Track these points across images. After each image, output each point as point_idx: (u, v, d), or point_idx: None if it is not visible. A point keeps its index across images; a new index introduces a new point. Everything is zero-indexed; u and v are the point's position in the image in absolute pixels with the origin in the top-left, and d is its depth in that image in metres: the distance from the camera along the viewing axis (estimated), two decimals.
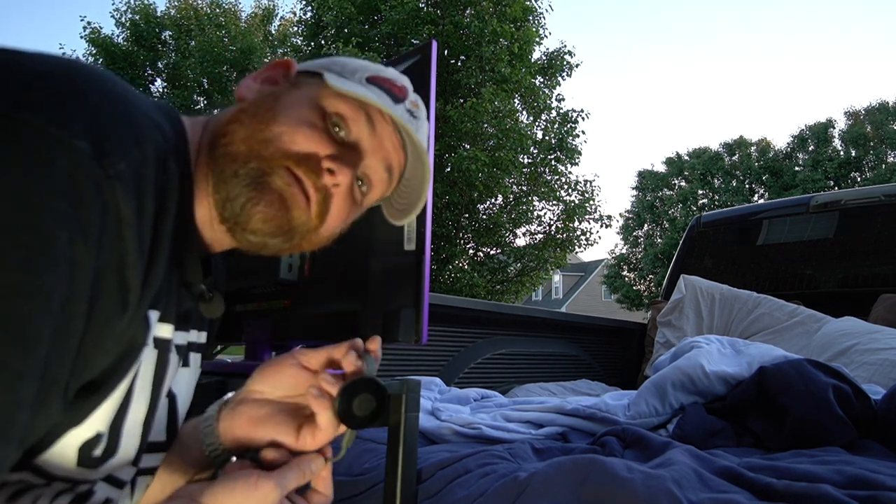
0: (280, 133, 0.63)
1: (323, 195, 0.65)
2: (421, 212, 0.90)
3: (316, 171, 0.64)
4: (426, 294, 0.88)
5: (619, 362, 2.97)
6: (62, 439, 0.52)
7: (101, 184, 0.47)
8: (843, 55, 62.58)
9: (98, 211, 0.47)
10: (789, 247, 3.05)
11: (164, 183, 0.55)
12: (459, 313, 2.20)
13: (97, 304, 0.48)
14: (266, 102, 0.66)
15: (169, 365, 0.63)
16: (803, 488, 0.88)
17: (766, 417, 1.37)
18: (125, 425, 0.58)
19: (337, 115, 0.67)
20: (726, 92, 66.68)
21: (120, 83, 0.55)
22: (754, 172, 23.81)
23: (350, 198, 0.69)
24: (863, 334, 2.19)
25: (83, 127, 0.47)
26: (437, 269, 10.48)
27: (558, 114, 11.57)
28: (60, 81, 0.49)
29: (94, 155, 0.47)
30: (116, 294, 0.50)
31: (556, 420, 1.47)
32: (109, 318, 0.50)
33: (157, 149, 0.54)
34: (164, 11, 15.61)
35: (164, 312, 0.60)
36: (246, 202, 0.61)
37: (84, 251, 0.46)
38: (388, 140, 0.71)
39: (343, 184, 0.66)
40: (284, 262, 1.01)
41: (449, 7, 10.47)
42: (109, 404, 0.55)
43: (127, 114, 0.52)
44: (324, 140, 0.65)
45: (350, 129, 0.68)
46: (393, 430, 1.03)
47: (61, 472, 0.54)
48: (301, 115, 0.65)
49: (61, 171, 0.45)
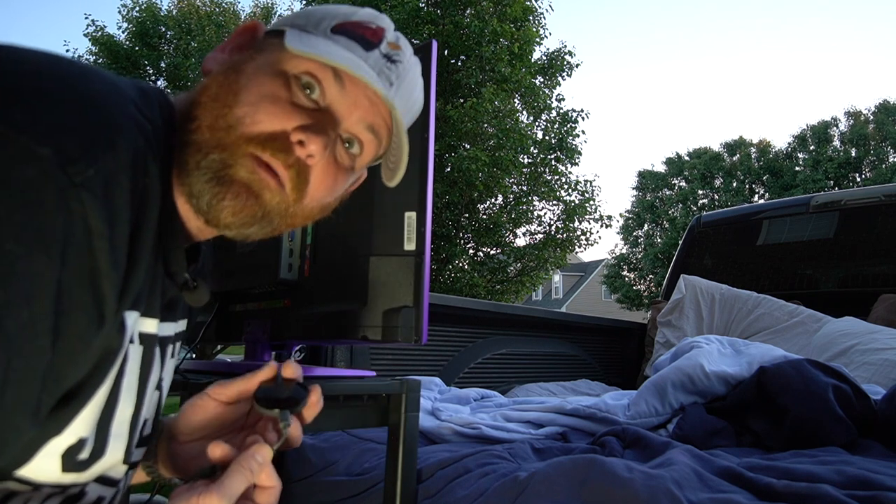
0: (242, 116, 0.59)
1: (296, 170, 0.60)
2: (421, 212, 0.90)
3: (285, 149, 0.59)
4: (426, 294, 0.88)
5: (619, 362, 2.97)
6: (42, 450, 0.51)
7: (65, 192, 0.44)
8: (845, 55, 62.64)
9: (60, 221, 0.44)
10: (789, 247, 3.05)
11: (143, 186, 0.51)
12: (459, 313, 2.20)
13: (65, 319, 0.45)
14: (228, 79, 0.61)
15: (155, 359, 0.62)
16: (803, 488, 0.88)
17: (766, 417, 1.37)
18: (112, 426, 0.56)
19: (304, 76, 0.62)
20: (727, 92, 66.75)
21: (99, 78, 0.52)
22: (754, 172, 23.81)
23: (334, 164, 0.65)
24: (863, 334, 2.19)
25: (48, 131, 0.44)
26: (437, 269, 10.47)
27: (558, 114, 11.56)
28: (29, 81, 0.46)
29: (59, 162, 0.44)
30: (90, 308, 0.47)
31: (556, 420, 1.47)
32: (82, 333, 0.47)
33: (135, 150, 0.50)
34: (167, 10, 15.63)
35: (148, 308, 0.58)
36: (211, 198, 0.58)
37: (42, 265, 0.43)
38: (363, 97, 0.64)
39: (317, 153, 0.60)
40: (284, 261, 1.01)
41: (449, 7, 10.46)
42: (91, 409, 0.53)
43: (100, 115, 0.49)
44: (288, 112, 0.60)
45: (322, 88, 0.62)
46: (393, 430, 1.03)
47: (47, 479, 0.53)
48: (262, 89, 0.60)
49: (20, 180, 0.42)
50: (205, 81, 0.63)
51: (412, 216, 0.90)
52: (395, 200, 0.92)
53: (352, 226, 0.97)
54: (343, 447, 1.34)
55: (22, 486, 0.52)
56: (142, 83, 0.59)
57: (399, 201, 0.91)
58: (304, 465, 1.33)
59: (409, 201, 0.90)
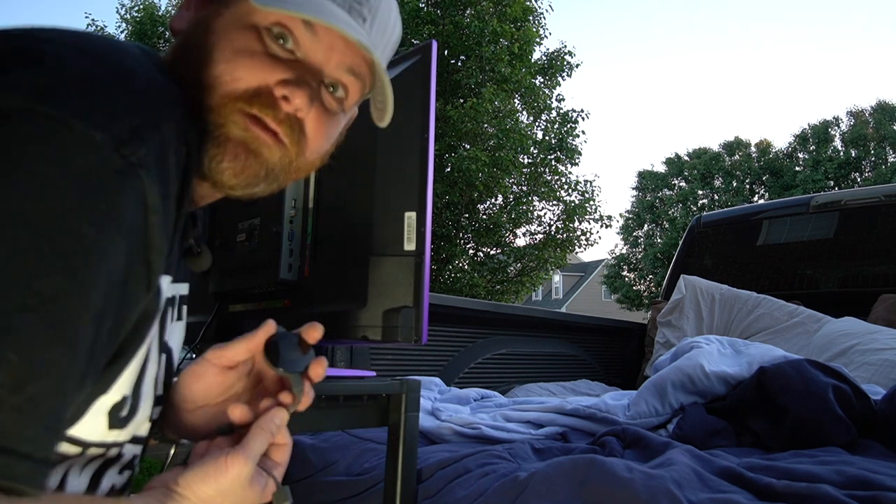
0: (220, 74, 0.58)
1: (288, 125, 0.60)
2: (421, 212, 0.90)
3: (271, 104, 0.59)
4: (426, 294, 0.88)
5: (619, 362, 2.97)
6: (93, 407, 0.53)
7: (123, 173, 0.46)
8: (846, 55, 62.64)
9: (125, 201, 0.46)
10: (789, 247, 3.05)
11: (185, 158, 0.53)
12: (459, 313, 2.20)
13: (126, 289, 0.49)
14: (199, 38, 0.60)
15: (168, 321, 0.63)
16: (803, 488, 0.88)
17: (766, 417, 1.38)
18: (144, 385, 0.58)
19: (276, 27, 0.60)
20: (727, 92, 66.77)
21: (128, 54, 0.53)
22: (754, 172, 23.82)
23: (325, 112, 0.64)
24: (863, 334, 2.20)
25: (100, 116, 0.46)
26: (437, 269, 10.47)
27: (558, 114, 11.56)
28: (79, 67, 0.48)
29: (115, 145, 0.46)
30: (143, 277, 0.50)
31: (556, 420, 1.47)
32: (137, 300, 0.50)
33: (177, 123, 0.52)
34: (165, 10, 15.63)
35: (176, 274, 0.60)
36: (210, 161, 0.58)
37: (114, 243, 0.46)
38: (338, 39, 0.62)
39: (303, 106, 0.60)
40: (284, 261, 1.01)
41: (449, 7, 10.46)
42: (132, 368, 0.55)
43: (143, 95, 0.51)
44: (267, 65, 0.59)
45: (295, 36, 0.61)
46: (393, 430, 1.03)
47: (95, 437, 0.55)
48: (235, 44, 0.59)
49: (83, 166, 0.45)
50: (175, 42, 0.63)
51: (412, 216, 0.90)
52: (395, 200, 0.92)
53: (352, 226, 0.97)
54: (343, 447, 1.35)
55: (72, 448, 0.54)
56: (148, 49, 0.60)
57: (399, 201, 0.91)
58: (304, 465, 1.34)
59: (409, 201, 0.90)
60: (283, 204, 0.99)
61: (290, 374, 0.64)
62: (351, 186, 0.99)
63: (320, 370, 0.66)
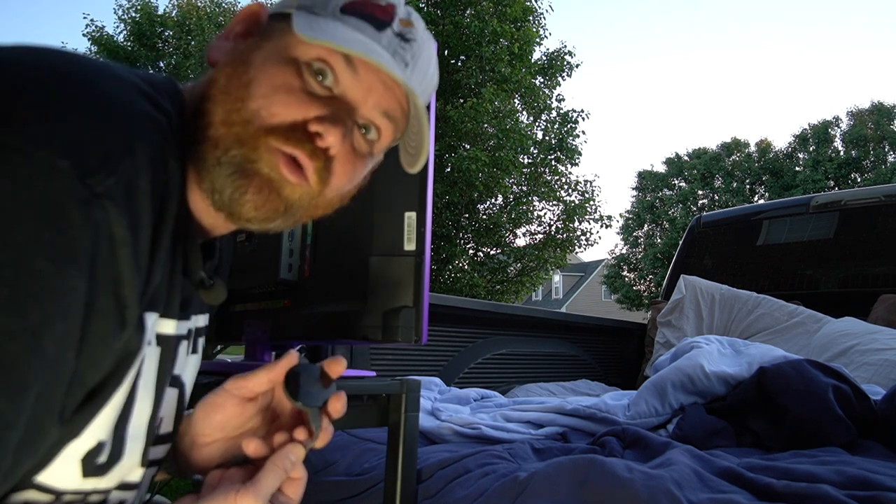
0: (258, 109, 0.57)
1: (322, 161, 0.59)
2: (421, 212, 0.90)
3: (305, 140, 0.58)
4: (426, 294, 0.88)
5: (619, 362, 2.97)
6: (62, 453, 0.51)
7: (88, 204, 0.43)
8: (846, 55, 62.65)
9: (87, 234, 0.44)
10: (789, 247, 3.05)
11: (163, 186, 0.51)
12: (459, 313, 2.20)
13: (90, 326, 0.45)
14: (237, 70, 0.59)
15: (177, 359, 0.62)
16: (803, 488, 0.88)
17: (766, 417, 1.37)
18: (129, 429, 0.56)
19: (316, 62, 0.59)
20: (727, 92, 66.77)
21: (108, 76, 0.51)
22: (754, 173, 23.82)
23: (353, 153, 0.63)
24: (863, 335, 2.20)
25: (65, 143, 0.43)
26: (437, 269, 10.47)
27: (558, 114, 11.57)
28: (41, 89, 0.45)
29: (79, 174, 0.43)
30: (113, 313, 0.47)
31: (556, 420, 1.47)
32: (105, 337, 0.47)
33: (153, 150, 0.50)
34: (165, 11, 15.63)
35: (167, 308, 0.58)
36: (233, 192, 0.57)
37: (75, 279, 0.43)
38: (377, 81, 0.62)
39: (335, 144, 0.59)
40: (284, 261, 1.01)
41: (449, 7, 10.47)
42: (109, 411, 0.52)
43: (115, 119, 0.48)
44: (304, 102, 0.58)
45: (335, 74, 0.60)
46: (393, 430, 1.03)
47: (68, 486, 0.53)
48: (274, 80, 0.58)
49: (44, 196, 0.42)
50: (212, 74, 0.61)
51: (412, 216, 0.90)
52: (395, 200, 0.92)
53: (352, 226, 0.97)
54: (343, 447, 1.34)
55: (43, 496, 0.51)
56: (151, 75, 0.58)
57: (399, 201, 0.91)
58: (304, 466, 1.33)
59: (409, 201, 0.90)
60: None
61: (310, 408, 0.62)
62: None
63: (339, 406, 0.64)
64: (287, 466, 0.59)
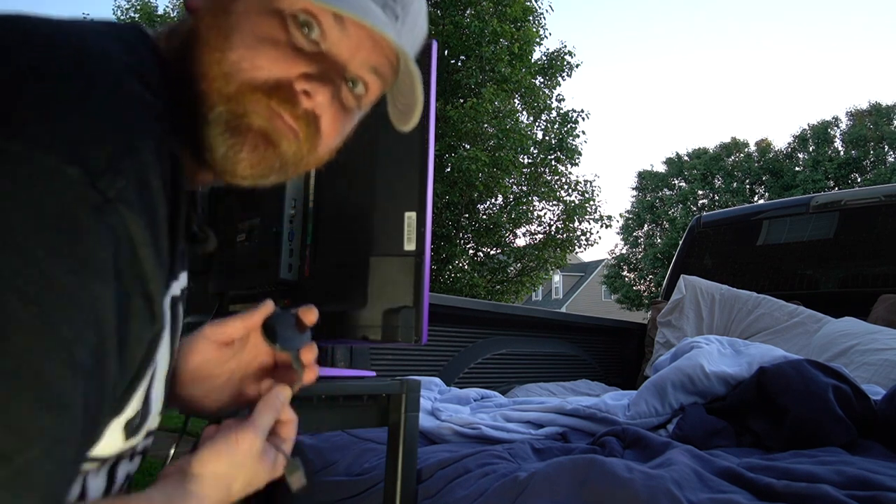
0: (238, 60, 0.55)
1: (305, 122, 0.58)
2: (421, 212, 0.90)
3: (291, 100, 0.56)
4: (426, 294, 0.88)
5: (619, 362, 2.97)
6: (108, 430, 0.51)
7: (101, 209, 0.42)
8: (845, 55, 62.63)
9: (107, 241, 0.42)
10: (789, 247, 3.05)
11: (173, 171, 0.50)
12: (459, 313, 2.20)
13: (126, 328, 0.45)
14: (218, 20, 0.56)
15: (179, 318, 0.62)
16: (803, 488, 0.88)
17: (766, 417, 1.38)
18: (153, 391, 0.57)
19: (302, 14, 0.57)
20: (727, 92, 66.76)
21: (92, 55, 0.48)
22: (754, 173, 23.82)
23: (340, 109, 0.62)
24: (863, 335, 2.20)
25: (71, 148, 0.41)
26: (437, 269, 10.47)
27: (558, 114, 11.57)
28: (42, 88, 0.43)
29: (89, 180, 0.41)
30: (144, 311, 0.47)
31: (556, 420, 1.47)
32: (140, 334, 0.47)
33: (157, 140, 0.48)
34: (165, 10, 15.65)
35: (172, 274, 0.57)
36: (227, 150, 0.55)
37: (101, 288, 0.42)
38: (366, 37, 0.59)
39: (324, 104, 0.58)
40: (284, 261, 1.01)
41: (449, 7, 10.46)
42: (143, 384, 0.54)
43: (118, 114, 0.46)
44: (290, 57, 0.56)
45: (322, 28, 0.58)
46: (393, 430, 1.03)
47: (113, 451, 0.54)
48: (258, 30, 0.56)
49: (58, 207, 0.40)
50: (191, 23, 0.59)
51: (412, 216, 0.90)
52: (395, 200, 0.92)
53: (352, 226, 0.97)
54: (343, 447, 1.35)
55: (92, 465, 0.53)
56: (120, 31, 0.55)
57: (399, 201, 0.91)
58: (304, 463, 1.33)
59: (409, 201, 0.90)
60: (283, 204, 0.99)
61: (289, 350, 0.67)
62: (351, 186, 0.99)
63: (310, 356, 0.69)
64: (277, 405, 0.63)
